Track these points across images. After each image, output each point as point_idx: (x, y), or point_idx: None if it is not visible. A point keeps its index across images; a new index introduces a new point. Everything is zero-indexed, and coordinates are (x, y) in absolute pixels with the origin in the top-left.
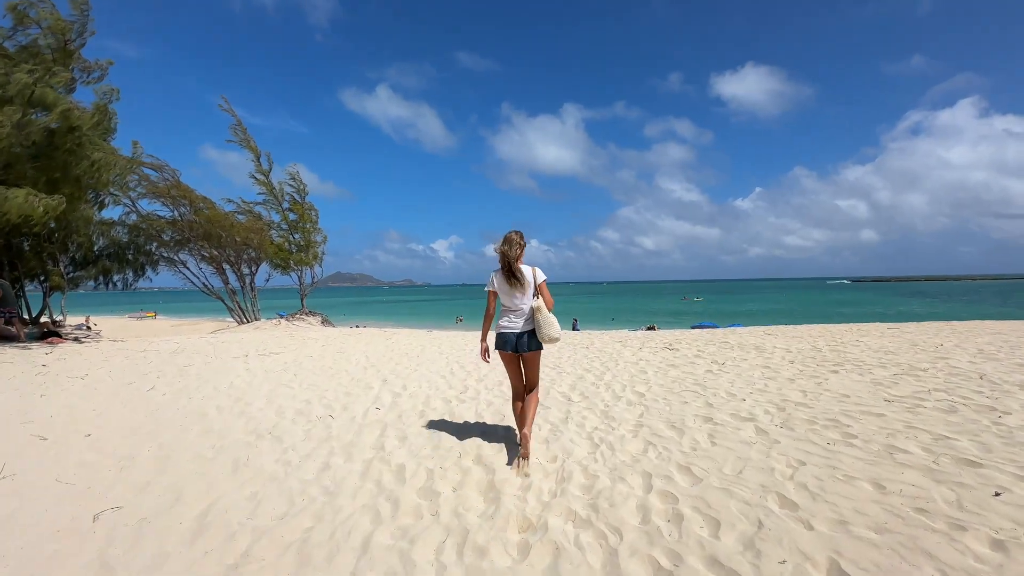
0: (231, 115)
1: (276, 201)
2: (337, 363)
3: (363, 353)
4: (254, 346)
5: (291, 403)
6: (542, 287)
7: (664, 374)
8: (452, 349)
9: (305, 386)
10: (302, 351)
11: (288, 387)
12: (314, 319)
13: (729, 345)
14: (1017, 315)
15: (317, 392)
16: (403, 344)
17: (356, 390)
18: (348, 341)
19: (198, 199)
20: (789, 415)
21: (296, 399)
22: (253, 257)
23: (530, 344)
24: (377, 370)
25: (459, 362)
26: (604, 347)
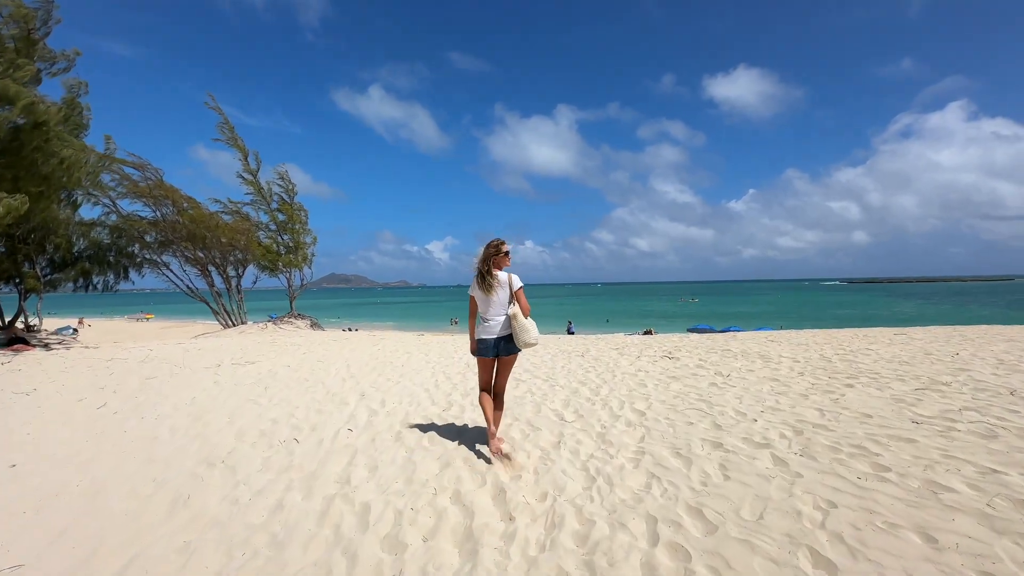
0: (218, 113)
1: (264, 201)
2: (315, 374)
3: (344, 362)
4: (231, 353)
5: (255, 423)
6: (518, 294)
7: (665, 388)
8: (440, 357)
9: (275, 402)
10: (280, 360)
11: (256, 403)
12: (303, 322)
13: (732, 353)
14: (1015, 316)
15: (287, 409)
16: (389, 351)
17: (330, 407)
18: (332, 348)
19: (182, 199)
20: (808, 440)
21: (262, 418)
22: (240, 259)
23: (507, 348)
24: (356, 382)
25: (445, 372)
26: (600, 355)
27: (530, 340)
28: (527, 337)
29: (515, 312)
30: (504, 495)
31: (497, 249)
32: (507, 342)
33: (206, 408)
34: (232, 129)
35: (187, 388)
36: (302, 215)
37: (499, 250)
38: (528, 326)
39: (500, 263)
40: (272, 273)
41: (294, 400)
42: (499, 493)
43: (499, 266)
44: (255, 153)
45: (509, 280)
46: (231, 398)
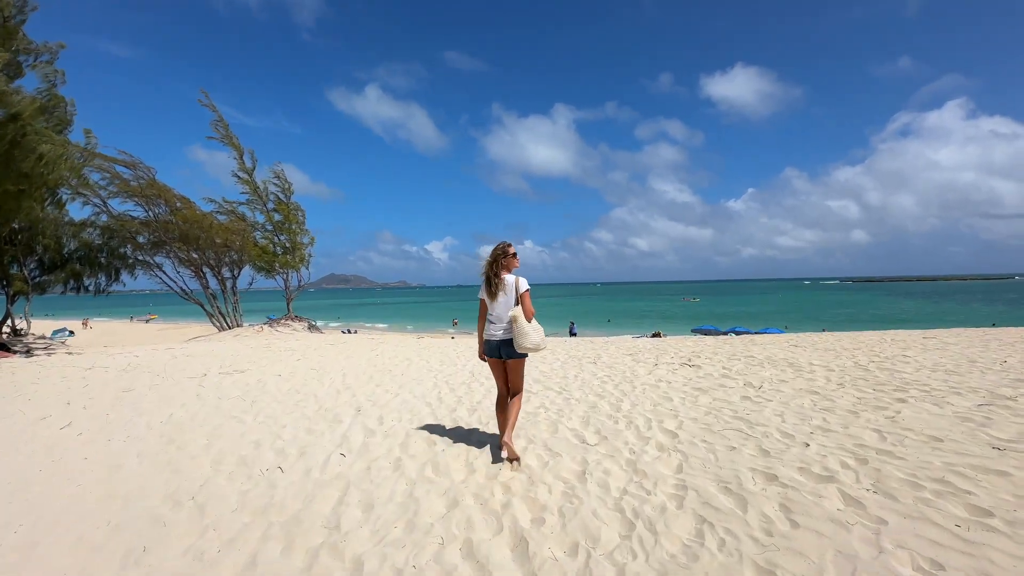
0: (212, 111)
1: (260, 201)
2: (307, 385)
3: (340, 370)
4: (221, 360)
5: (236, 446)
6: (524, 297)
7: (693, 402)
8: (441, 364)
9: (260, 419)
10: (272, 368)
11: (239, 421)
12: (299, 324)
13: (757, 361)
14: (1017, 314)
15: (273, 429)
16: (388, 357)
17: (321, 425)
18: (327, 354)
19: (174, 198)
20: (878, 472)
21: (244, 440)
22: (235, 260)
23: (509, 352)
24: (352, 394)
25: (448, 382)
26: (613, 362)
27: (528, 344)
28: (525, 342)
29: (515, 315)
30: (526, 547)
31: (504, 252)
32: (509, 345)
33: (183, 427)
34: (227, 127)
35: (166, 403)
36: (299, 215)
37: (506, 252)
38: (528, 330)
39: (508, 265)
40: (268, 274)
41: (282, 417)
42: (519, 543)
43: (507, 268)
44: (250, 152)
45: (516, 283)
46: (213, 415)
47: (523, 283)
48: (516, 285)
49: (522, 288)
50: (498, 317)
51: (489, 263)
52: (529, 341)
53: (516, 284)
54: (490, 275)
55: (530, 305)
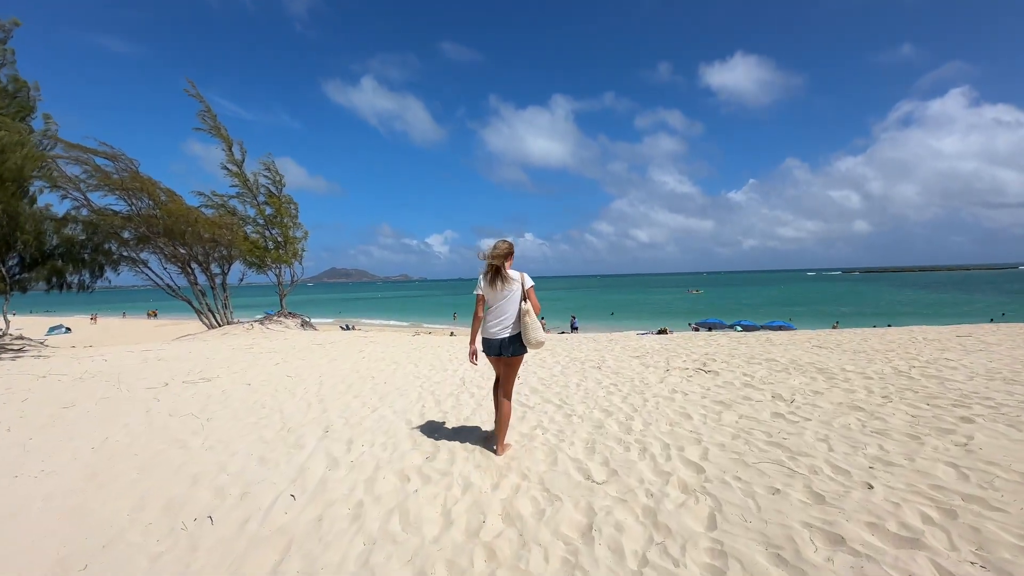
0: (199, 100)
1: (251, 194)
2: (277, 397)
3: (317, 378)
4: (191, 366)
5: (167, 483)
6: (530, 292)
7: (716, 420)
8: (430, 370)
9: (208, 444)
10: (245, 374)
11: (183, 447)
12: (293, 321)
13: (780, 365)
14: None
15: (220, 457)
16: (374, 359)
17: (278, 452)
18: (310, 357)
19: (158, 191)
20: (978, 532)
21: (180, 474)
22: (224, 255)
23: (514, 349)
24: (323, 409)
25: (434, 394)
26: (620, 367)
27: (540, 338)
28: (537, 335)
29: (527, 308)
30: None
31: (511, 248)
32: (513, 342)
33: (115, 456)
34: (215, 117)
35: (107, 422)
36: (291, 208)
37: (512, 249)
38: (537, 325)
39: (508, 262)
40: (260, 270)
41: (235, 441)
42: None
43: (508, 264)
44: (239, 143)
45: (521, 278)
46: (156, 438)
47: (528, 279)
48: (522, 280)
49: (528, 283)
50: (502, 313)
51: (497, 259)
52: (539, 335)
53: (522, 279)
54: (497, 270)
55: (536, 300)
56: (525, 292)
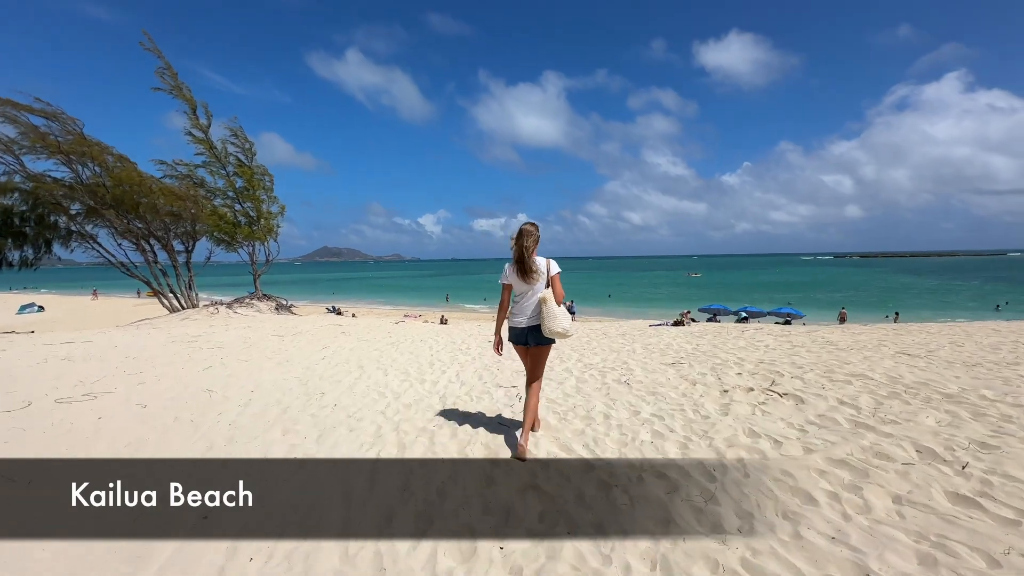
0: (157, 56)
1: (219, 163)
2: (168, 432)
3: (247, 394)
4: (88, 373)
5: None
6: (554, 280)
7: (862, 511)
8: (404, 381)
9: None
10: (150, 388)
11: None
12: (266, 304)
13: (880, 385)
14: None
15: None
16: (336, 362)
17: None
18: (259, 355)
19: (106, 156)
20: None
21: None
22: (188, 231)
23: (538, 339)
24: (218, 471)
25: (400, 428)
26: (655, 382)
27: (557, 328)
28: (555, 325)
29: (547, 296)
30: None
31: (537, 233)
32: (538, 332)
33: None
34: (175, 76)
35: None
36: (265, 180)
37: (537, 233)
38: (558, 314)
39: (535, 248)
40: (230, 247)
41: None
42: None
43: (534, 251)
44: (204, 105)
45: (547, 265)
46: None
47: (554, 265)
48: (548, 267)
49: (554, 270)
50: (528, 302)
51: (525, 245)
52: (559, 325)
53: (548, 266)
54: (524, 258)
55: (561, 288)
56: (549, 279)
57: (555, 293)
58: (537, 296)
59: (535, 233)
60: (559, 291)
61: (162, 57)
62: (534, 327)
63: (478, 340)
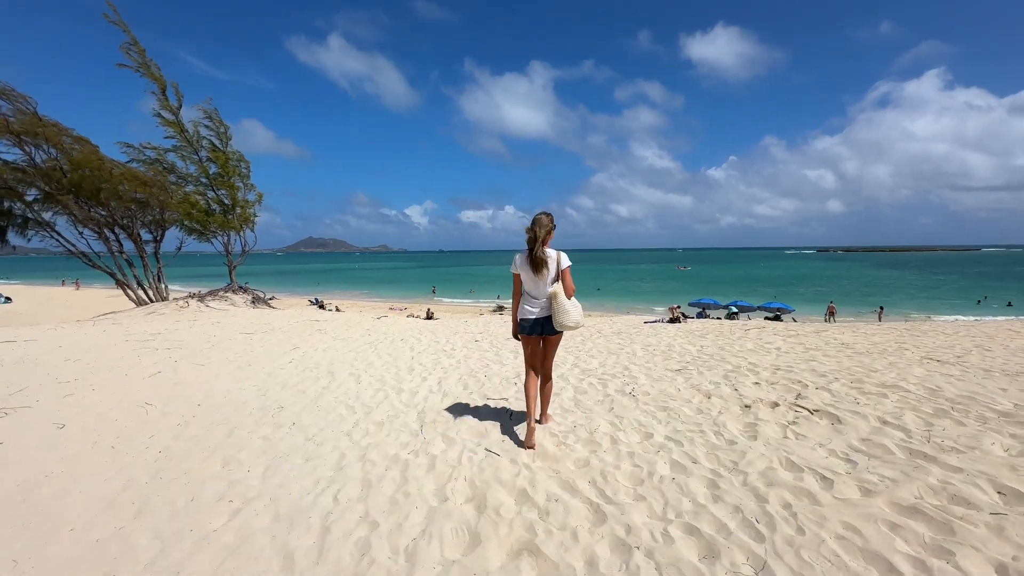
0: (123, 30)
1: (191, 148)
2: (77, 465)
3: (192, 408)
4: (11, 381)
5: None
6: (565, 273)
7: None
8: (377, 391)
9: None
10: (78, 402)
11: None
12: (242, 297)
13: (922, 400)
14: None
15: None
16: (305, 366)
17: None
18: (220, 357)
19: (64, 138)
20: None
21: None
22: (156, 219)
23: (547, 329)
24: (137, 513)
25: (368, 458)
26: (663, 393)
27: (568, 323)
28: (566, 319)
29: (555, 291)
30: None
31: (552, 224)
32: (547, 323)
33: None
34: (143, 52)
35: None
36: (241, 167)
37: (552, 224)
38: (569, 308)
39: (549, 239)
40: (202, 237)
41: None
42: None
43: (547, 242)
44: (174, 85)
45: (558, 258)
46: None
47: (564, 258)
48: (558, 260)
49: (564, 264)
50: (539, 293)
51: (538, 236)
52: (570, 319)
53: (558, 259)
54: (536, 247)
55: (571, 281)
56: (560, 272)
57: (565, 287)
58: (547, 288)
59: (548, 224)
60: (569, 285)
61: (128, 31)
62: (544, 318)
63: (463, 339)
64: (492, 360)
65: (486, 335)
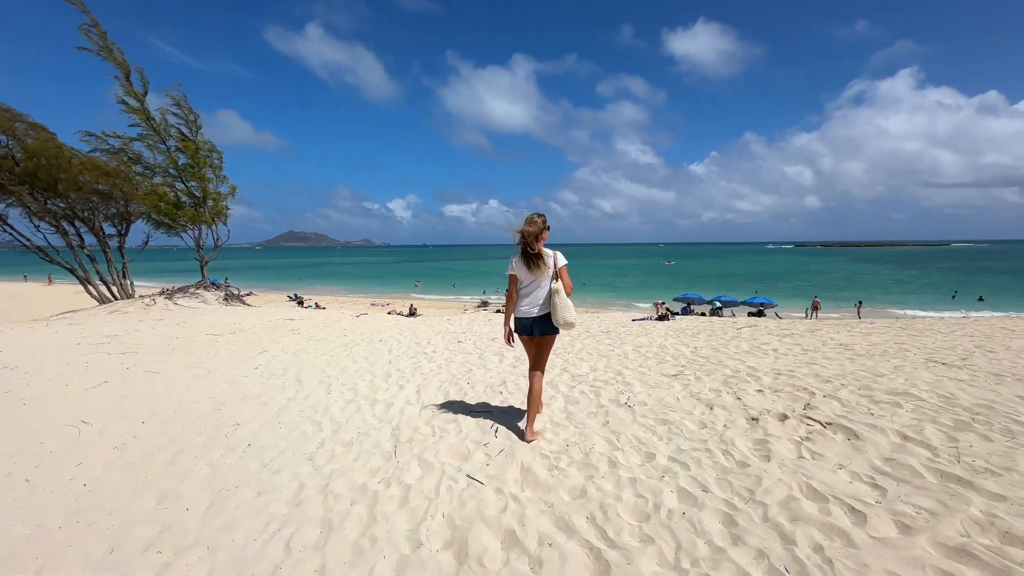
0: (81, 9)
1: (158, 137)
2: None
3: (134, 427)
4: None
5: None
6: (562, 271)
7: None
8: (348, 404)
9: None
10: (10, 415)
11: None
12: (214, 294)
13: (940, 410)
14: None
15: None
16: (271, 373)
17: None
18: (179, 364)
19: (17, 125)
20: None
21: None
22: (120, 211)
23: (544, 329)
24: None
25: (331, 490)
26: (660, 402)
27: (569, 319)
28: (567, 315)
29: (558, 288)
30: None
31: (545, 224)
32: (544, 322)
33: None
34: (104, 35)
35: None
36: (213, 158)
37: (545, 224)
38: (568, 304)
39: (542, 239)
40: (171, 231)
41: None
42: None
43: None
44: (139, 70)
45: (554, 257)
46: None
47: (560, 257)
48: (555, 259)
49: (560, 262)
50: (534, 293)
51: (532, 235)
52: (570, 315)
53: (555, 258)
54: (532, 246)
55: (569, 280)
56: (557, 271)
57: (564, 285)
58: (543, 287)
59: (542, 224)
60: (568, 283)
61: (86, 11)
62: (539, 317)
63: (445, 341)
64: (476, 364)
65: (469, 335)
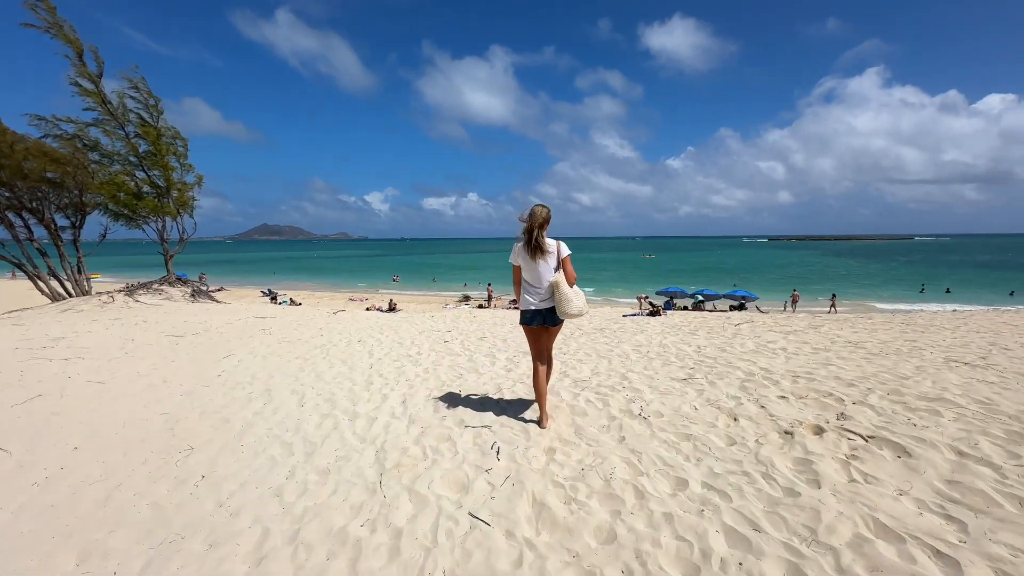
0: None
1: (115, 122)
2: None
3: (69, 448)
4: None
5: None
6: (566, 262)
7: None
8: (323, 419)
9: None
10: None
11: None
12: (179, 290)
13: (988, 419)
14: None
15: None
16: (235, 381)
17: None
18: (126, 374)
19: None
20: None
21: None
22: (74, 201)
23: (550, 320)
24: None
25: (307, 520)
26: (678, 412)
27: (572, 311)
28: (570, 308)
29: (558, 280)
30: None
31: (548, 215)
32: (549, 312)
33: None
34: (54, 11)
35: None
36: (177, 145)
37: (548, 215)
38: (572, 296)
39: (545, 230)
40: (131, 223)
41: None
42: None
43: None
44: (93, 50)
45: (557, 247)
46: None
47: (564, 247)
48: (558, 249)
49: (564, 252)
50: (539, 283)
51: (536, 226)
52: (573, 307)
53: (558, 248)
54: (535, 239)
55: (572, 270)
56: (560, 261)
57: (567, 275)
58: (547, 277)
59: (545, 215)
60: (571, 273)
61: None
62: (545, 309)
63: (430, 341)
64: (466, 368)
65: (455, 333)
